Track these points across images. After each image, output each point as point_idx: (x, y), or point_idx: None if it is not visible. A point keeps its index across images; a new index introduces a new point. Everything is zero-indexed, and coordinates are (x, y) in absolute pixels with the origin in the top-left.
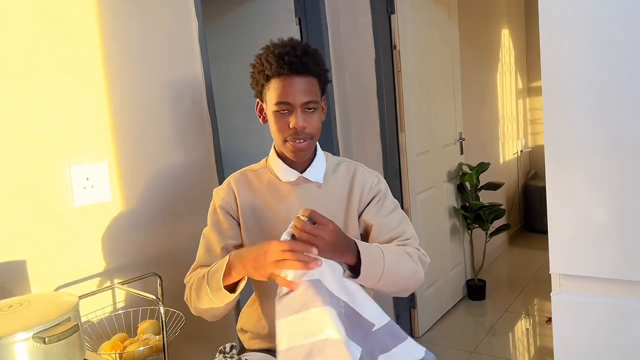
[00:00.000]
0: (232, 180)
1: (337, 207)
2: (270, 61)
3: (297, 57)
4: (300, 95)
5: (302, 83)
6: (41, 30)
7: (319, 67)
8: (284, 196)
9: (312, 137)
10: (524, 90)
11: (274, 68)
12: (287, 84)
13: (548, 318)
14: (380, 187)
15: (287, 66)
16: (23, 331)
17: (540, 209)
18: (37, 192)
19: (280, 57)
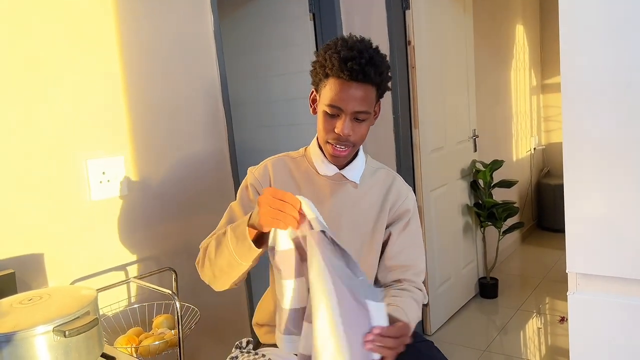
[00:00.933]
0: (270, 163)
1: (369, 211)
2: (333, 61)
3: (360, 65)
4: (353, 104)
5: (358, 91)
6: (59, 25)
7: (381, 77)
8: (318, 189)
9: (354, 145)
10: (538, 87)
11: (334, 69)
12: (343, 89)
13: (561, 317)
14: (412, 205)
15: (348, 72)
16: (44, 324)
17: (553, 207)
18: (54, 186)
19: (343, 60)
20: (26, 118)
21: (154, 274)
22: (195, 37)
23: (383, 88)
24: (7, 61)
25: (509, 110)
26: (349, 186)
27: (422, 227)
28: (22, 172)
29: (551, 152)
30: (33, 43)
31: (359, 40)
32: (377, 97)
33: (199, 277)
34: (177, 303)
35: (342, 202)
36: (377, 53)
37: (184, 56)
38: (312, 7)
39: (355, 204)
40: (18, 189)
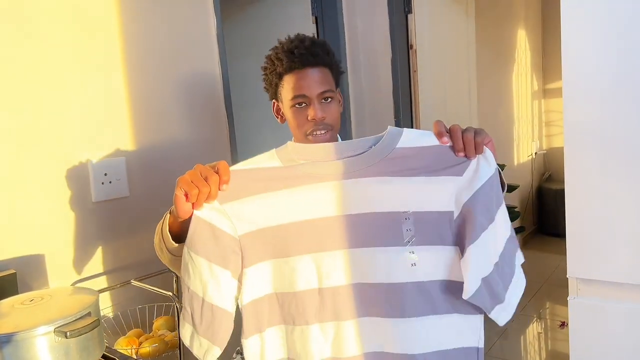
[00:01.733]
0: None
1: None
2: (281, 57)
3: (306, 49)
4: (315, 86)
5: (315, 74)
6: (60, 25)
7: (329, 56)
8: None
9: (332, 128)
10: (540, 92)
11: (285, 64)
12: (300, 77)
13: (561, 322)
14: None
15: (298, 59)
16: (45, 325)
17: (554, 211)
18: (55, 187)
19: (290, 51)
20: (28, 119)
21: (154, 276)
22: (198, 39)
23: (336, 69)
24: (9, 62)
25: (511, 114)
26: None
27: None
28: (24, 173)
29: (552, 156)
30: (35, 44)
31: (296, 34)
32: (334, 79)
33: None
34: (177, 305)
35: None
36: (316, 38)
37: (187, 58)
38: (314, 10)
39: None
40: (20, 189)
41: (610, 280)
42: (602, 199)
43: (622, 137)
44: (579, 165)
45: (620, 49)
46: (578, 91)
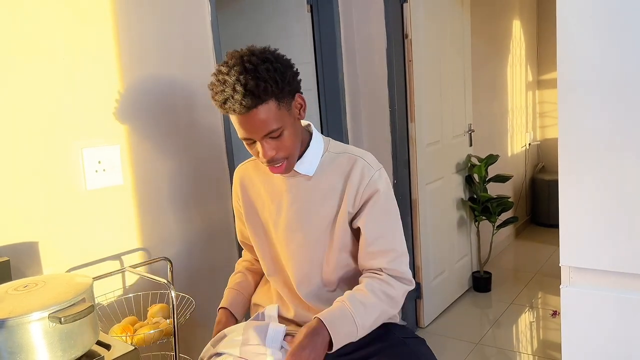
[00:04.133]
0: (237, 172)
1: (327, 201)
2: (217, 106)
3: (237, 102)
4: (257, 131)
5: (255, 118)
6: (55, 13)
7: (268, 92)
8: (276, 188)
9: (287, 157)
10: (534, 83)
11: (220, 110)
12: (240, 123)
13: (553, 311)
14: (378, 187)
15: (232, 111)
16: (39, 310)
17: (547, 202)
18: (49, 175)
19: (222, 105)
20: (22, 107)
21: (149, 264)
22: (193, 29)
23: (284, 93)
24: (2, 49)
25: (505, 105)
26: (302, 179)
27: (417, 220)
28: (17, 160)
29: (546, 147)
30: (28, 31)
31: (231, 66)
32: (283, 104)
33: (194, 267)
34: (172, 292)
35: (298, 196)
36: (252, 72)
37: (182, 47)
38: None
39: (311, 196)
40: (13, 177)
41: (602, 268)
42: (595, 188)
43: (615, 128)
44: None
45: (615, 40)
46: (573, 82)
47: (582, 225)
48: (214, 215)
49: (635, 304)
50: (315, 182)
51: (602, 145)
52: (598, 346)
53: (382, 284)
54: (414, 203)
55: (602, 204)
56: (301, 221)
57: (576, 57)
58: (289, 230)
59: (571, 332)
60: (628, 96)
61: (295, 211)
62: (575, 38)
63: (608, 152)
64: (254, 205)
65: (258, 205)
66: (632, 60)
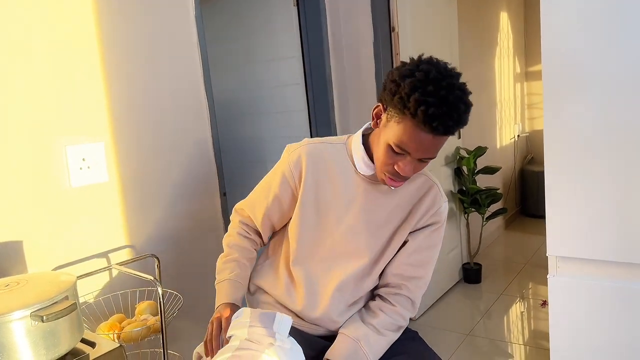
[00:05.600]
0: (305, 152)
1: (396, 215)
2: (418, 111)
3: (447, 127)
4: (424, 152)
5: (434, 142)
6: (37, 9)
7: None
8: (351, 185)
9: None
10: (522, 75)
11: (417, 119)
12: (418, 138)
13: (543, 301)
14: (442, 218)
15: (431, 129)
16: (21, 309)
17: (536, 193)
18: (33, 173)
19: (431, 117)
20: (4, 104)
21: (136, 261)
22: (177, 23)
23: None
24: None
25: (493, 97)
26: (383, 187)
27: None
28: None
29: (535, 139)
30: (10, 28)
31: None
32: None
33: (181, 264)
34: (159, 289)
35: (373, 201)
36: (466, 109)
37: (166, 41)
38: None
39: (385, 206)
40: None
41: (588, 257)
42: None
43: (600, 120)
44: (558, 146)
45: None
46: (557, 75)
47: (568, 216)
48: (201, 212)
49: (621, 292)
50: (391, 194)
51: (587, 137)
52: (585, 334)
53: (397, 318)
54: None
55: (587, 194)
56: (368, 225)
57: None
58: (352, 231)
59: (558, 320)
60: (612, 88)
61: (365, 215)
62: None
63: (593, 144)
64: (320, 189)
65: (325, 191)
66: (616, 54)
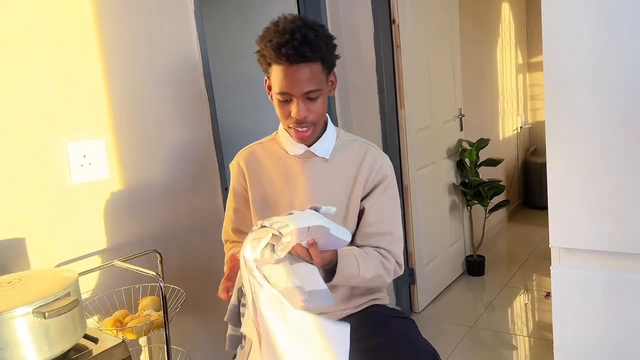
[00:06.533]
0: (241, 160)
1: (341, 185)
2: (269, 51)
3: (294, 49)
4: (300, 85)
5: (302, 72)
6: (36, 6)
7: (321, 52)
8: (290, 170)
9: (315, 124)
10: (524, 66)
11: (273, 57)
12: (286, 75)
13: (547, 293)
14: (387, 173)
15: (285, 57)
16: (23, 306)
17: (540, 185)
18: (34, 170)
19: (277, 47)
20: (4, 102)
21: (138, 257)
22: (176, 18)
23: (329, 60)
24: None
25: (495, 89)
26: (320, 161)
27: (409, 206)
28: (1, 157)
29: (538, 130)
30: (9, 25)
31: (291, 20)
32: (325, 70)
33: (184, 259)
34: (162, 285)
35: (314, 178)
36: (311, 28)
37: (165, 37)
38: None
39: (327, 178)
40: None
41: (591, 248)
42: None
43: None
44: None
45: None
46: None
47: (570, 207)
48: (203, 206)
49: (624, 283)
50: (331, 166)
51: (588, 127)
52: (588, 325)
53: (380, 256)
54: (405, 189)
55: (590, 185)
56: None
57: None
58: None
59: (562, 312)
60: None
61: (312, 192)
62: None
63: (595, 134)
64: (264, 186)
65: (268, 186)
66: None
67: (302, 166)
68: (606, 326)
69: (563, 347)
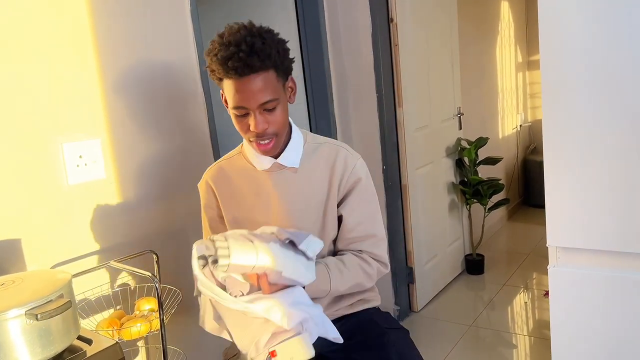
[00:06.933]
0: (209, 178)
1: (316, 193)
2: (217, 65)
3: (241, 60)
4: (255, 98)
5: (255, 83)
6: (32, 6)
7: (271, 59)
8: (261, 185)
9: (277, 134)
10: (524, 64)
11: (221, 72)
12: (238, 88)
13: (546, 291)
14: (360, 175)
15: (234, 71)
16: (15, 308)
17: (539, 183)
18: (30, 171)
19: (224, 62)
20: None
21: (134, 257)
22: (173, 19)
23: (283, 66)
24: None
25: (495, 87)
26: (290, 172)
27: (407, 205)
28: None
29: (538, 128)
30: (4, 23)
31: (236, 30)
32: (280, 77)
33: (180, 259)
34: (157, 285)
35: (287, 191)
36: (257, 36)
37: (162, 36)
38: None
39: (300, 189)
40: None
41: (589, 248)
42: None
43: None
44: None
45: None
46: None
47: (568, 206)
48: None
49: (620, 282)
50: (302, 174)
51: (586, 126)
52: (586, 324)
53: (361, 261)
54: (404, 188)
55: (587, 184)
56: (294, 215)
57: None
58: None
59: (559, 311)
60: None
61: (287, 206)
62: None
63: (592, 133)
64: (237, 206)
65: (241, 205)
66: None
67: (273, 180)
68: (604, 325)
69: (561, 346)
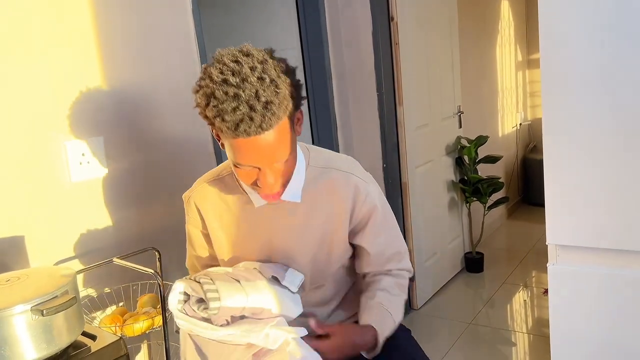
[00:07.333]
0: (197, 200)
1: (320, 225)
2: (222, 127)
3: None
4: (268, 157)
5: (267, 140)
6: (33, 5)
7: (287, 109)
8: (258, 219)
9: (285, 184)
10: (524, 63)
11: (228, 134)
12: (248, 148)
13: (545, 289)
14: (375, 203)
15: (245, 134)
16: (21, 304)
17: (539, 181)
18: (33, 169)
19: (234, 128)
20: (2, 100)
21: (136, 254)
22: (174, 16)
23: (296, 108)
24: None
25: (495, 86)
26: (291, 206)
27: (407, 204)
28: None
29: (537, 127)
30: (6, 24)
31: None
32: (292, 120)
33: (182, 256)
34: (159, 282)
35: (287, 226)
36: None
37: (163, 34)
38: None
39: (302, 222)
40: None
41: (588, 246)
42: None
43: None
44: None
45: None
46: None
47: (567, 203)
48: None
49: (620, 280)
50: (305, 205)
51: (586, 125)
52: (585, 322)
53: (394, 279)
54: (404, 186)
55: (587, 181)
56: (298, 247)
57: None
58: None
59: (559, 309)
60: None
61: (290, 239)
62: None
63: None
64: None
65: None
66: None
67: (271, 215)
68: (603, 323)
69: (560, 344)
